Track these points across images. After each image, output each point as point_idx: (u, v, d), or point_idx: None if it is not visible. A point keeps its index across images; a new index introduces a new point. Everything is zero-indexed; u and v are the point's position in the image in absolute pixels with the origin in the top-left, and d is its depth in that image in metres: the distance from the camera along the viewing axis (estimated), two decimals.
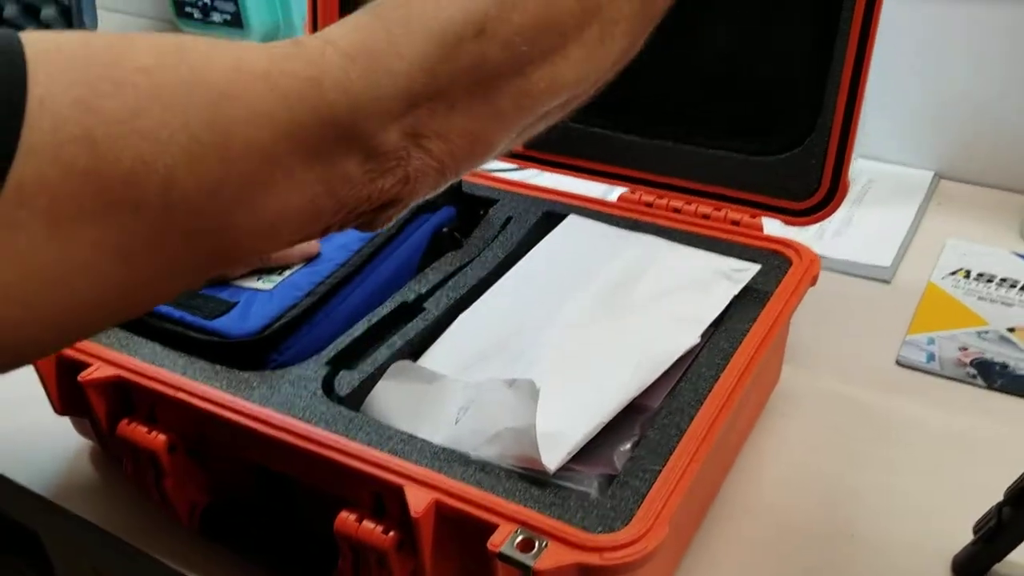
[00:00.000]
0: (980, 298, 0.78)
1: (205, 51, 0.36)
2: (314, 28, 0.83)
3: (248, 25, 1.08)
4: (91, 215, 0.32)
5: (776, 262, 0.65)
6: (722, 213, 0.69)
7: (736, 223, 0.69)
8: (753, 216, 0.68)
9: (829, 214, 0.65)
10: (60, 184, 0.31)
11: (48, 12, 1.09)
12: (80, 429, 0.67)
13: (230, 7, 1.07)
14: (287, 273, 0.64)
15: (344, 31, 0.39)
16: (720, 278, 0.62)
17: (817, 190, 0.65)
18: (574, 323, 0.60)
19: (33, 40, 0.32)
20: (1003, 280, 0.79)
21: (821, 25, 0.62)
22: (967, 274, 0.80)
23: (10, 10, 1.11)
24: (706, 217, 0.70)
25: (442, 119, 0.40)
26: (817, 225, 0.70)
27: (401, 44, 0.38)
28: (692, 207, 0.70)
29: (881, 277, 0.81)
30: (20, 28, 1.09)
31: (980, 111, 0.91)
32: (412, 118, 0.39)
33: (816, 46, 0.63)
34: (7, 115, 0.30)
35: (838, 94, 0.62)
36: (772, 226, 0.68)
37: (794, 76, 0.65)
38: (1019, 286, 0.78)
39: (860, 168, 0.95)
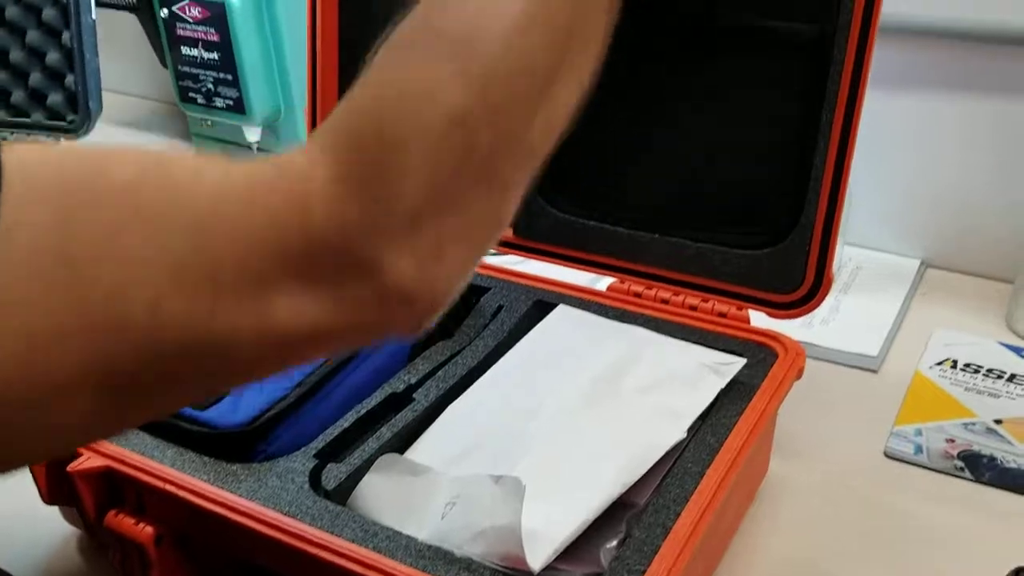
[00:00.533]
0: (967, 389, 0.78)
1: (190, 166, 0.35)
2: (313, 113, 0.85)
3: (251, 110, 1.10)
4: (73, 334, 0.31)
5: (762, 355, 0.66)
6: (709, 305, 0.70)
7: (723, 315, 0.70)
8: (739, 308, 0.69)
9: (813, 308, 0.66)
10: (40, 304, 0.30)
11: (49, 13, 1.10)
12: (68, 517, 0.67)
13: (232, 92, 1.10)
14: None
15: (332, 140, 0.37)
16: (707, 372, 0.63)
17: (801, 284, 0.66)
18: (562, 416, 0.61)
19: (14, 153, 0.32)
20: (990, 371, 0.80)
21: (803, 123, 0.64)
22: (954, 364, 0.81)
23: (11, 12, 1.12)
24: (693, 308, 0.71)
25: (455, 219, 0.37)
26: None
27: (388, 159, 0.36)
28: (680, 298, 0.71)
29: (868, 366, 0.82)
30: (23, 30, 1.12)
31: (967, 201, 0.93)
32: (426, 234, 0.36)
33: (798, 143, 0.64)
34: None
35: (820, 191, 0.64)
36: (759, 316, 0.69)
37: (776, 173, 0.67)
38: (1006, 377, 0.79)
39: (847, 255, 0.97)
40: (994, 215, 0.92)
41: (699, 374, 0.62)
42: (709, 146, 0.69)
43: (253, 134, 1.14)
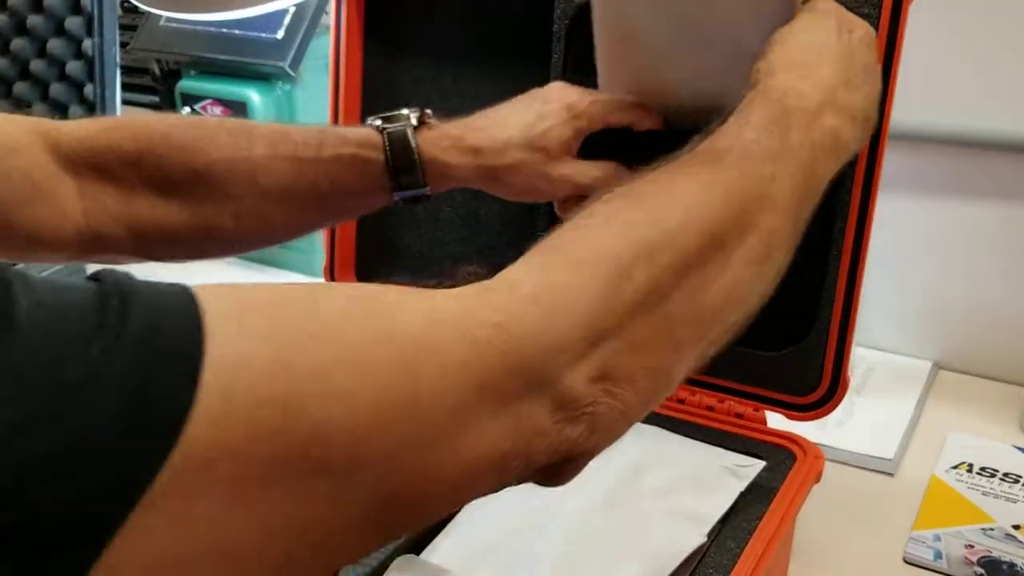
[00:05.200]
0: (984, 493, 0.78)
1: (397, 300, 0.35)
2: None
3: None
4: (274, 480, 0.30)
5: (780, 457, 0.65)
6: (725, 405, 0.71)
7: (740, 416, 0.70)
8: (756, 409, 0.70)
9: (830, 411, 0.66)
10: (248, 448, 0.29)
11: (72, 21, 1.10)
12: None
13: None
14: None
15: (524, 273, 0.38)
16: (726, 474, 0.62)
17: (818, 386, 0.67)
18: (579, 517, 0.60)
19: (216, 297, 0.31)
20: (1006, 475, 0.80)
21: (817, 229, 0.65)
22: (969, 468, 0.81)
23: (32, 20, 1.11)
24: (710, 409, 0.71)
25: (627, 357, 0.39)
26: None
27: (579, 284, 0.38)
28: (696, 398, 0.71)
29: (885, 470, 0.82)
30: (23, 19, 1.10)
31: (978, 304, 0.94)
32: (598, 359, 0.38)
33: (812, 249, 0.65)
34: (178, 385, 0.28)
35: (835, 294, 0.65)
36: (775, 418, 0.69)
37: (792, 276, 0.67)
38: (1022, 481, 0.79)
39: (860, 356, 0.97)
40: (1005, 319, 0.92)
41: (718, 476, 0.62)
42: None
43: None
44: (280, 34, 1.09)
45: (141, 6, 1.01)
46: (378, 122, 0.63)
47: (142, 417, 0.28)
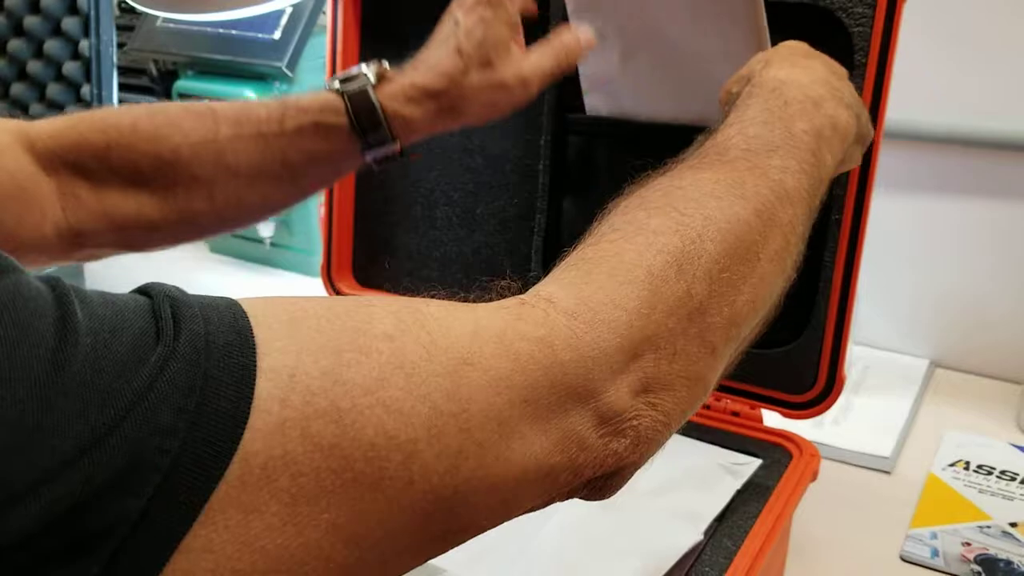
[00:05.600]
0: (981, 491, 0.78)
1: (442, 314, 0.35)
2: (330, 210, 0.87)
3: None
4: (330, 494, 0.30)
5: (777, 455, 0.66)
6: (722, 404, 0.71)
7: (736, 414, 0.70)
8: (752, 408, 0.70)
9: (825, 409, 0.66)
10: (304, 462, 0.29)
11: (68, 22, 1.10)
12: None
13: None
14: None
15: (558, 288, 0.39)
16: (722, 472, 0.63)
17: (814, 384, 0.67)
18: (575, 517, 0.60)
19: (264, 309, 0.31)
20: (1003, 472, 0.80)
21: (812, 231, 0.65)
22: (966, 465, 0.81)
23: (29, 21, 1.11)
24: (707, 407, 0.71)
25: (666, 366, 0.39)
26: None
27: (615, 298, 0.38)
28: None
29: (882, 467, 0.82)
30: (20, 20, 1.10)
31: (973, 302, 0.94)
32: (638, 370, 0.38)
33: (808, 247, 0.66)
34: (233, 397, 0.29)
35: (830, 293, 0.65)
36: (771, 416, 0.70)
37: None
38: (1019, 479, 0.79)
39: (857, 355, 0.97)
40: (1000, 317, 0.93)
41: (715, 475, 0.62)
42: None
43: (267, 229, 1.16)
44: (277, 34, 1.09)
45: (138, 7, 1.01)
46: (336, 84, 0.62)
47: (199, 431, 0.28)
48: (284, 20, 1.09)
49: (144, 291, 0.31)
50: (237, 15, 0.98)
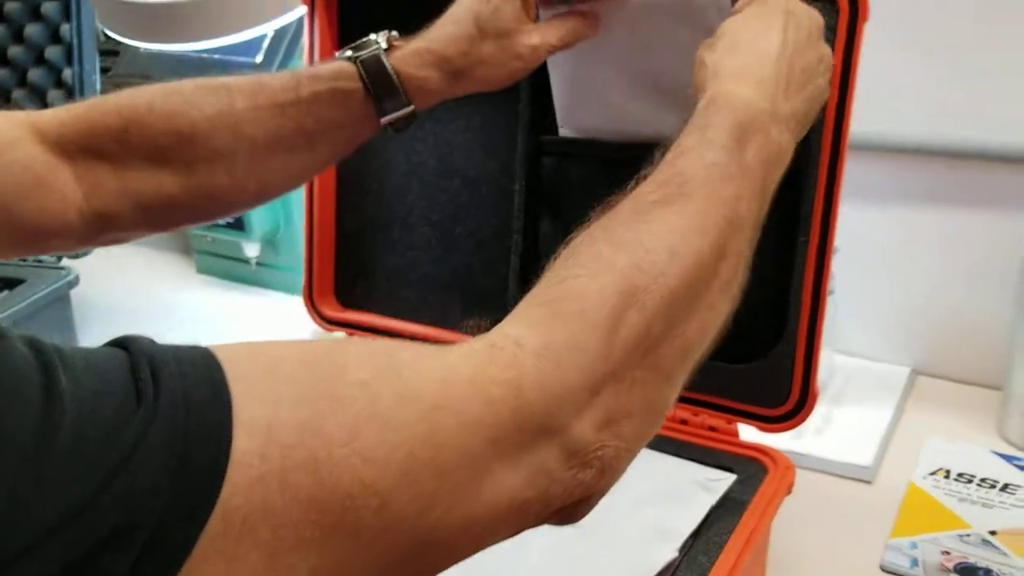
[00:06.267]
0: (961, 499, 0.78)
1: (414, 360, 0.36)
2: (311, 231, 0.88)
3: (250, 228, 1.13)
4: (309, 543, 0.31)
5: (752, 469, 0.66)
6: (699, 419, 0.71)
7: (713, 429, 0.71)
8: (729, 422, 0.70)
9: (800, 422, 0.67)
10: (283, 513, 0.30)
11: (48, 7, 1.10)
12: None
13: None
14: None
15: (526, 329, 0.40)
16: (697, 488, 0.63)
17: (788, 399, 0.67)
18: (551, 535, 0.61)
19: (239, 359, 0.32)
20: (983, 480, 0.80)
21: (780, 244, 0.66)
22: (947, 474, 0.81)
23: (9, 7, 1.12)
24: (684, 422, 0.72)
25: (625, 398, 0.40)
26: None
27: (579, 337, 0.40)
28: (671, 412, 0.72)
29: (862, 477, 0.82)
30: (21, 26, 1.10)
31: (951, 309, 0.95)
32: (601, 404, 0.39)
33: (777, 262, 0.66)
34: (212, 454, 0.29)
35: (801, 309, 0.65)
36: (748, 430, 0.70)
37: (758, 291, 0.68)
38: (999, 486, 0.79)
39: (838, 364, 0.98)
40: (979, 323, 0.93)
41: (689, 491, 0.63)
42: None
43: (252, 249, 1.17)
44: (259, 58, 1.09)
45: (118, 38, 1.02)
46: (348, 52, 0.63)
47: (181, 487, 0.29)
48: (266, 44, 1.09)
49: (122, 344, 0.32)
50: (217, 43, 0.99)
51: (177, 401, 0.30)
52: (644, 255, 0.43)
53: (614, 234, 0.45)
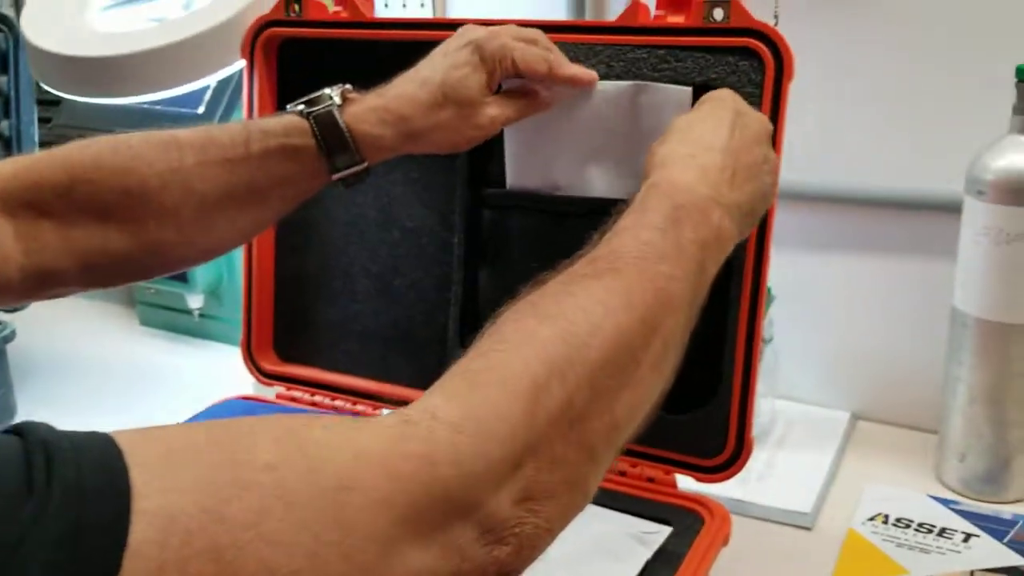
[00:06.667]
0: (899, 545, 0.79)
1: (324, 438, 0.36)
2: (249, 281, 0.87)
3: (193, 280, 1.12)
4: None
5: (689, 521, 0.66)
6: (638, 470, 0.71)
7: (651, 480, 0.71)
8: (667, 472, 0.70)
9: (735, 472, 0.67)
10: None
11: None
12: None
13: None
14: None
15: (444, 400, 0.39)
16: (632, 542, 0.63)
17: (724, 449, 0.68)
18: None
19: (139, 445, 0.31)
20: (920, 525, 0.81)
21: (714, 301, 0.66)
22: (885, 519, 0.82)
23: None
24: (623, 474, 0.72)
25: (546, 474, 0.40)
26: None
27: (499, 409, 0.39)
28: None
29: (803, 524, 0.83)
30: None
31: (889, 355, 0.96)
32: (520, 479, 0.39)
33: (712, 317, 0.67)
34: (107, 544, 0.29)
35: (735, 360, 0.66)
36: (686, 479, 0.70)
37: (694, 346, 0.69)
38: (936, 531, 0.80)
39: (779, 409, 0.99)
40: (915, 368, 0.95)
41: (624, 545, 0.63)
42: None
43: (196, 301, 1.16)
44: (201, 109, 1.09)
45: (57, 93, 1.02)
46: (300, 107, 0.63)
47: None
48: (208, 95, 1.09)
49: (18, 431, 0.31)
50: (158, 96, 0.98)
51: (70, 491, 0.29)
52: (568, 326, 0.43)
53: (540, 307, 0.45)
